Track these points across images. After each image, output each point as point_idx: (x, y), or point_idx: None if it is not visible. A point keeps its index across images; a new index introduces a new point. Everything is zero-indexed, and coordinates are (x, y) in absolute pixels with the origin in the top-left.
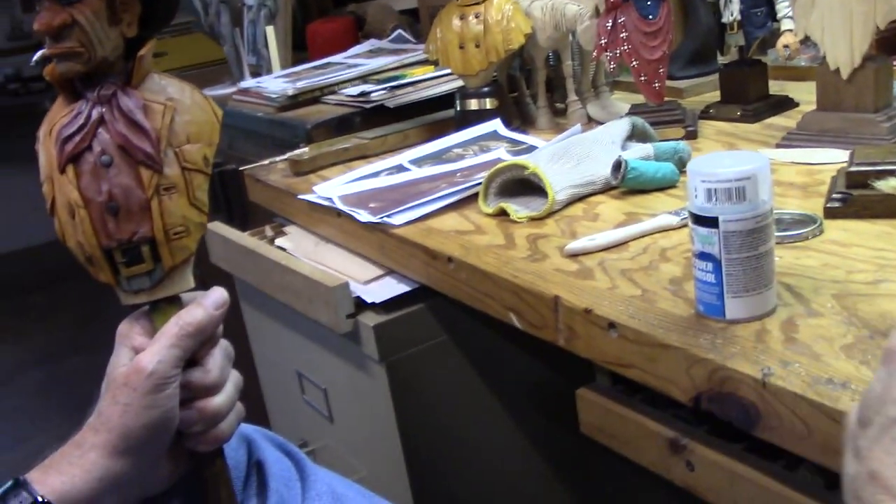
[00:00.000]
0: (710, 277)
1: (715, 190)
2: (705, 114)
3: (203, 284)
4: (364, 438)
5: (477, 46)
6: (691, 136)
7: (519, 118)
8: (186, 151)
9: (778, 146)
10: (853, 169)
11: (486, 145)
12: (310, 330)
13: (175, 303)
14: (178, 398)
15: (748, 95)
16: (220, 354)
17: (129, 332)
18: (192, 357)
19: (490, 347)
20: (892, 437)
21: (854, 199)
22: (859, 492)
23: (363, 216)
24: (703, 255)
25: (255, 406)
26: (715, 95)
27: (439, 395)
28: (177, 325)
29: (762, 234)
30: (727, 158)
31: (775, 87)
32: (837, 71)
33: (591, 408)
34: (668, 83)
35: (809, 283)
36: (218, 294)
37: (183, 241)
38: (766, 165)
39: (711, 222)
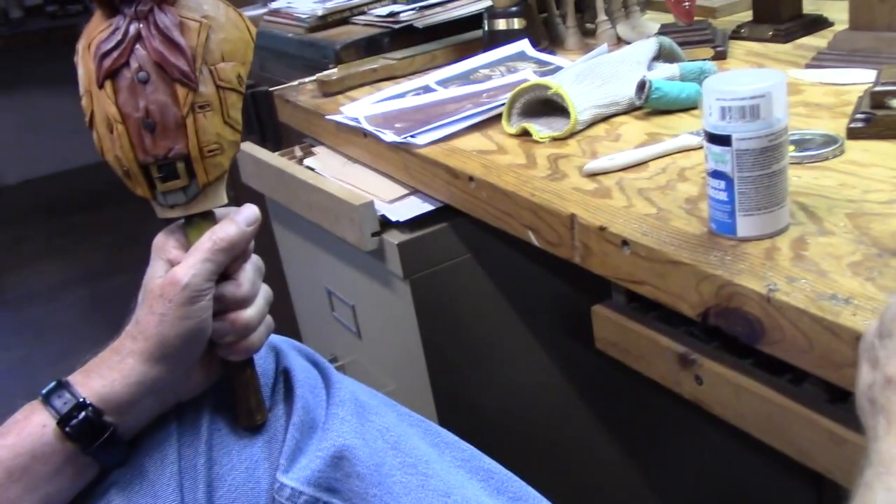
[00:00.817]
0: (723, 196)
1: (729, 108)
2: (736, 34)
3: (236, 203)
4: (391, 354)
5: None
6: (720, 56)
7: (548, 39)
8: (221, 70)
9: (808, 66)
10: (878, 89)
11: (514, 66)
12: (338, 248)
13: (209, 218)
14: (211, 310)
15: (781, 15)
16: (251, 269)
17: (164, 244)
18: (225, 271)
19: (512, 266)
20: None
21: (877, 119)
22: (875, 396)
23: (388, 136)
24: (715, 174)
25: (287, 322)
26: (748, 15)
27: (462, 311)
28: (210, 240)
29: (775, 153)
30: (743, 76)
31: (811, 5)
32: None
33: (605, 324)
34: (701, 2)
35: (825, 202)
36: (250, 210)
37: (217, 158)
38: (782, 83)
39: (724, 140)
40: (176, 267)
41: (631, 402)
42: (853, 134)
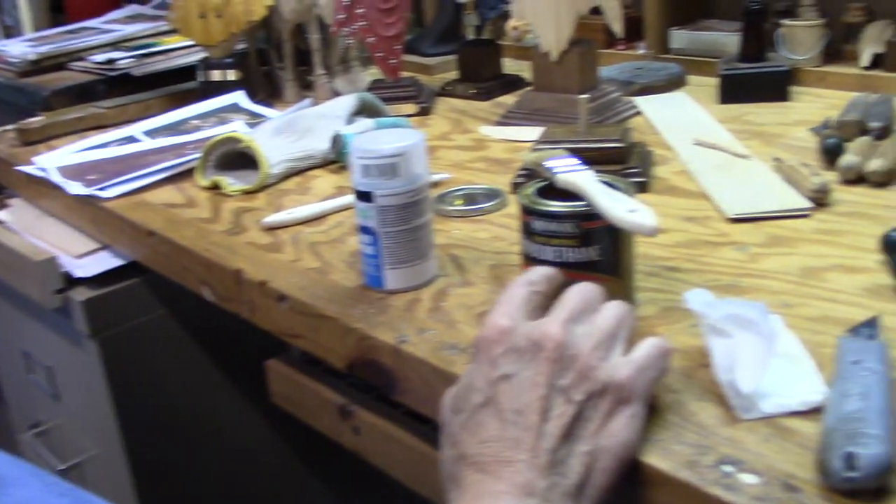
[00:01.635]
0: (371, 250)
1: (369, 166)
2: (443, 91)
3: None
4: (89, 417)
5: (218, 16)
6: (424, 112)
7: (266, 90)
8: None
9: (497, 123)
10: (536, 147)
11: (226, 117)
12: (32, 307)
13: None
14: None
15: (483, 74)
16: None
17: None
18: None
19: (210, 321)
20: (476, 421)
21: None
22: (453, 471)
23: (74, 188)
24: (364, 229)
25: None
26: None
27: (158, 370)
28: None
29: (416, 209)
30: (385, 136)
31: (514, 66)
32: (548, 54)
33: (278, 378)
34: (419, 59)
35: (475, 254)
36: None
37: None
38: (420, 143)
39: (368, 197)
40: None
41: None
42: (516, 188)
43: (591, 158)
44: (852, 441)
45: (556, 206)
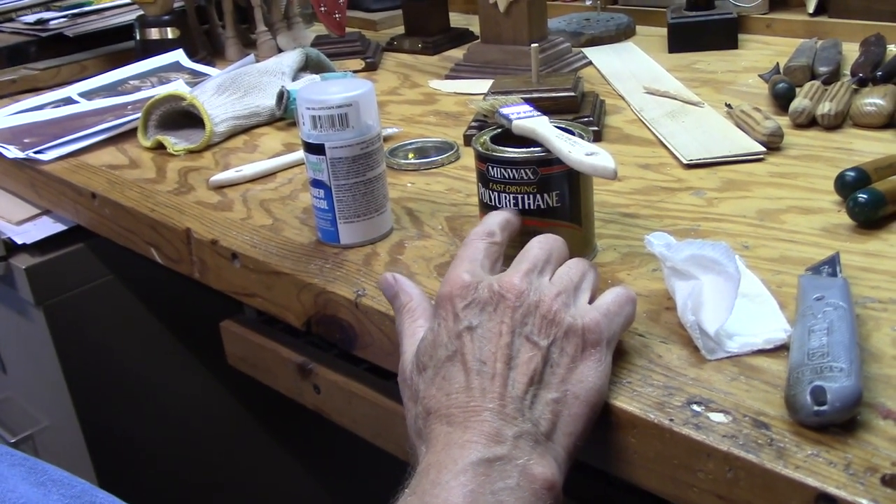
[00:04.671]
0: (324, 204)
1: (319, 117)
2: (390, 46)
3: None
4: (39, 388)
5: None
6: (371, 67)
7: (207, 49)
8: None
9: (446, 77)
10: (488, 96)
11: (167, 77)
12: None
13: None
14: None
15: (430, 28)
16: None
17: None
18: None
19: (158, 284)
20: (442, 375)
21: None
22: (420, 427)
23: (11, 152)
24: (315, 183)
25: None
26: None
27: (106, 336)
28: None
29: (369, 160)
30: (333, 86)
31: (461, 20)
32: (496, 4)
33: (233, 339)
34: (363, 15)
35: (430, 206)
36: None
37: None
38: (370, 92)
39: (318, 149)
40: None
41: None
42: (468, 140)
43: (543, 108)
44: (820, 376)
45: (512, 152)
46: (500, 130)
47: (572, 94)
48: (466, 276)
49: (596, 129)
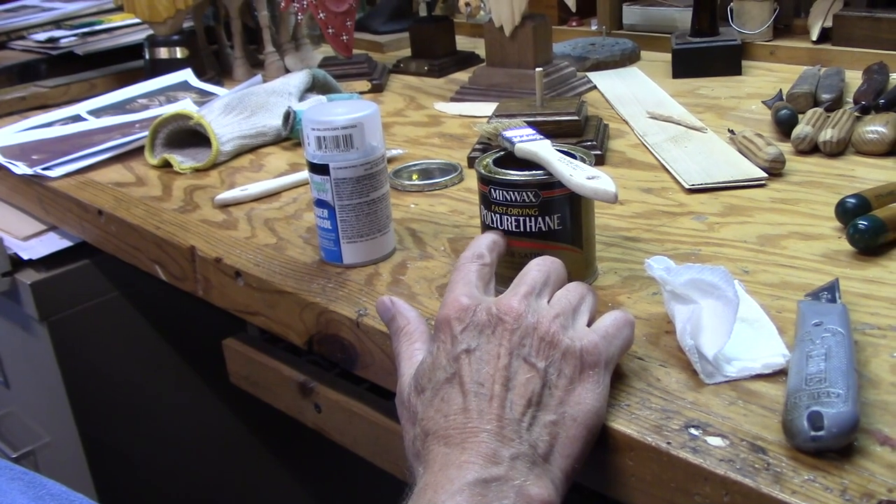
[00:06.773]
0: (327, 224)
1: (324, 138)
2: (396, 68)
3: None
4: (41, 403)
5: None
6: (377, 88)
7: (216, 69)
8: None
9: (451, 99)
10: (492, 119)
11: (174, 96)
12: None
13: None
14: None
15: (436, 51)
16: None
17: None
18: None
19: (164, 302)
20: (441, 397)
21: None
22: (418, 448)
23: (19, 168)
24: (319, 203)
25: None
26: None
27: (111, 353)
28: None
29: (373, 181)
30: (338, 108)
31: (468, 43)
32: (501, 28)
33: (236, 357)
34: (370, 37)
35: (433, 228)
36: None
37: None
38: (375, 114)
39: (323, 170)
40: None
41: (296, 435)
42: (472, 163)
43: (546, 131)
44: (817, 401)
45: (514, 174)
46: (503, 153)
47: (576, 118)
48: (465, 299)
49: (599, 153)
